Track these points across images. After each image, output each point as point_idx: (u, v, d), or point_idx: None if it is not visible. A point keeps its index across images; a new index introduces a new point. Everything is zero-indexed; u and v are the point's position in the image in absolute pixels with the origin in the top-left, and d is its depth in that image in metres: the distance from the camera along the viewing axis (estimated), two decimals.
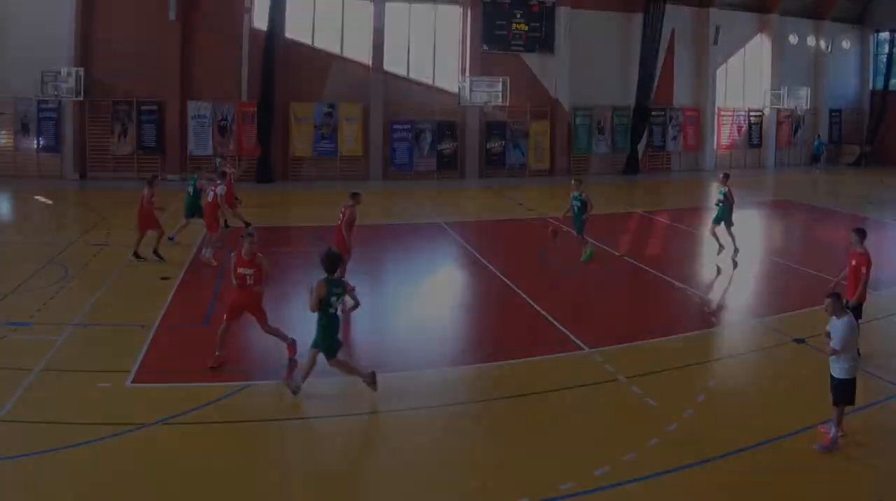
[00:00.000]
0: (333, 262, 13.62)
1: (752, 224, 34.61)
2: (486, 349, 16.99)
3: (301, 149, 45.44)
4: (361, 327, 18.37)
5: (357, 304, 15.56)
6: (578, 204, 24.26)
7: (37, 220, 31.70)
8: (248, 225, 24.66)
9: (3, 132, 42.13)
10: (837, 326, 11.89)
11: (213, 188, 24.43)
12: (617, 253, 26.25)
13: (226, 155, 39.35)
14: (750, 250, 26.68)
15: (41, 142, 42.41)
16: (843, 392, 11.94)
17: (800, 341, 16.90)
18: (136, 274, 22.40)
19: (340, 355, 13.82)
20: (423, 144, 47.42)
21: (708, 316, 19.72)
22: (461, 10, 48.13)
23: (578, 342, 16.81)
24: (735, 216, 25.47)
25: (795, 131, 57.85)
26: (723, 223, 25.15)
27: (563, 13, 49.02)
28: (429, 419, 13.35)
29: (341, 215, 20.39)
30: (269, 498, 10.62)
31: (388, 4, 46.33)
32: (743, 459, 11.61)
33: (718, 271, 24.54)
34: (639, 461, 11.40)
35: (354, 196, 20.67)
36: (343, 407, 13.91)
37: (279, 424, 12.95)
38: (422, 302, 21.48)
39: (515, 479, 11.02)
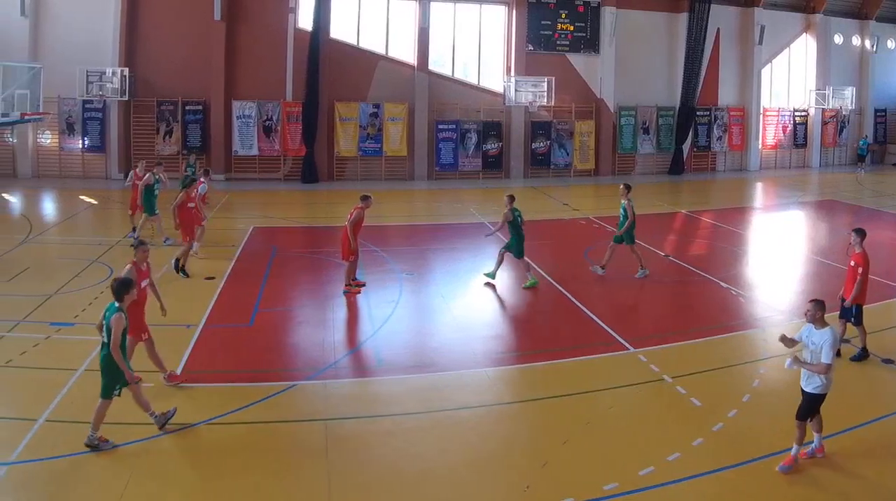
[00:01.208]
0: (115, 289, 11.75)
1: (796, 223, 34.11)
2: (531, 349, 16.47)
3: (346, 150, 43.25)
4: (407, 326, 17.88)
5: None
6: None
7: (81, 220, 30.18)
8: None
9: (48, 132, 40.30)
10: (821, 337, 10.86)
11: (196, 186, 23.63)
12: (662, 254, 25.21)
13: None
14: (795, 250, 26.32)
15: (86, 142, 40.58)
16: (814, 407, 11.06)
17: (844, 341, 15.62)
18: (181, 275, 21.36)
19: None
20: (468, 144, 45.05)
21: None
22: (506, 9, 45.75)
23: (623, 342, 16.32)
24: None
25: (840, 131, 54.60)
26: (624, 242, 22.29)
27: (608, 13, 46.46)
28: (474, 418, 12.88)
29: (350, 215, 19.88)
30: (314, 498, 10.28)
31: (432, 4, 44.20)
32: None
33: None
34: (683, 461, 11.09)
35: (365, 198, 20.37)
36: (388, 406, 13.38)
37: (324, 424, 12.46)
38: (466, 301, 20.52)
39: (560, 479, 10.68)
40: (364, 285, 20.49)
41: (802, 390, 11.04)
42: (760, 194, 44.07)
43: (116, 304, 11.58)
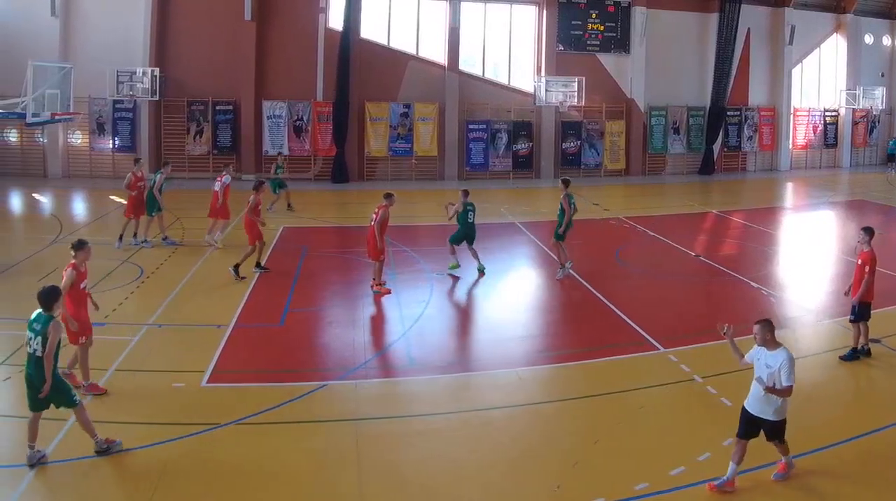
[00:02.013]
0: (46, 298, 10.71)
1: (827, 224, 33.23)
2: (562, 348, 16.02)
3: (376, 150, 41.66)
4: (437, 326, 17.47)
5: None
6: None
7: (111, 221, 28.91)
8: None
9: (79, 132, 39.10)
10: (776, 359, 9.96)
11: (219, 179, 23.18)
12: (692, 253, 24.50)
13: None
14: (825, 250, 25.88)
15: (116, 142, 39.23)
16: (780, 431, 10.21)
17: (875, 341, 15.59)
18: (212, 274, 20.99)
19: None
20: (498, 144, 43.33)
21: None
22: (536, 9, 44.00)
23: (654, 342, 15.92)
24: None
25: (871, 131, 52.37)
26: (554, 235, 21.77)
27: (638, 13, 44.64)
28: (504, 418, 12.51)
29: (374, 215, 19.47)
30: (345, 498, 10.02)
31: (463, 4, 42.55)
32: (818, 458, 11.02)
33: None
34: (714, 461, 10.79)
35: (388, 197, 19.81)
36: (419, 406, 13.06)
37: (355, 424, 12.12)
38: (497, 301, 20.06)
39: (590, 479, 10.42)
40: (390, 292, 19.66)
41: (757, 416, 10.13)
42: (791, 194, 42.65)
43: (46, 314, 10.58)
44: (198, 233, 25.31)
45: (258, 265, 21.34)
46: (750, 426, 10.19)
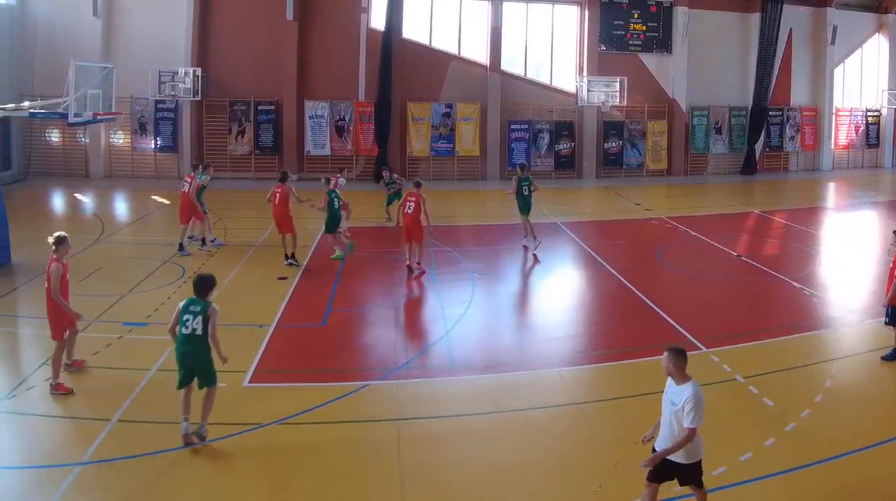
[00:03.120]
0: (202, 285, 11.24)
1: (869, 224, 31.71)
2: (603, 348, 15.39)
3: (418, 149, 39.61)
4: (479, 326, 16.82)
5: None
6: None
7: (153, 221, 28.04)
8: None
9: (121, 132, 37.62)
10: (681, 395, 8.18)
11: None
12: (734, 254, 23.57)
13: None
14: (868, 250, 24.89)
15: (158, 142, 37.61)
16: (696, 475, 8.59)
17: None
18: (253, 275, 20.36)
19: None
20: (540, 144, 41.18)
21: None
22: (579, 9, 41.69)
23: (696, 342, 15.22)
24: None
25: None
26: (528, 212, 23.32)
27: (680, 13, 42.24)
28: (546, 419, 12.03)
29: (411, 202, 20.11)
30: (386, 499, 9.61)
31: (505, 4, 40.39)
32: (861, 459, 10.46)
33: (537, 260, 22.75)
34: (755, 461, 10.38)
35: (419, 184, 20.88)
36: (461, 406, 12.52)
37: (396, 424, 11.68)
38: (539, 301, 19.75)
39: (632, 479, 9.47)
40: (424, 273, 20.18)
41: (668, 459, 8.44)
42: (833, 194, 40.45)
43: (205, 299, 10.99)
44: (240, 232, 24.60)
45: (289, 257, 21.16)
46: (661, 469, 8.52)
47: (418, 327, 14.91)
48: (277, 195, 21.18)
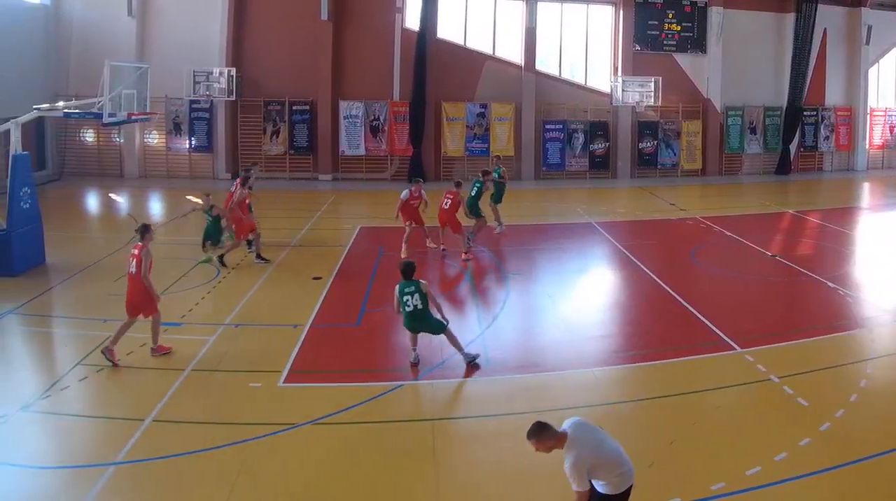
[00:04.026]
0: (409, 270, 13.19)
1: None
2: (638, 348, 14.78)
3: (453, 149, 38.08)
4: (514, 326, 16.38)
5: None
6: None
7: (188, 221, 27.01)
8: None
9: (155, 132, 36.56)
10: (565, 462, 7.48)
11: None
12: (769, 254, 22.83)
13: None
14: None
15: (193, 142, 36.45)
16: None
17: None
18: (288, 275, 19.88)
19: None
20: (574, 144, 39.53)
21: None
22: (613, 9, 40.01)
23: (730, 341, 14.79)
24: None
25: None
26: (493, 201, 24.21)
27: (714, 13, 40.46)
28: None
29: (449, 200, 21.23)
30: (421, 499, 9.32)
31: (539, 4, 38.77)
32: None
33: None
34: (790, 461, 9.97)
35: (458, 184, 21.77)
36: (496, 406, 12.03)
37: (431, 424, 11.32)
38: (574, 301, 18.86)
39: (666, 479, 9.55)
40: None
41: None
42: (867, 194, 38.81)
43: (413, 280, 12.99)
44: (273, 233, 23.62)
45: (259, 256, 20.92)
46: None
47: (453, 327, 14.11)
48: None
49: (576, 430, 7.58)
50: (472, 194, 22.68)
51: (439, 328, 13.02)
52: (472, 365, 13.11)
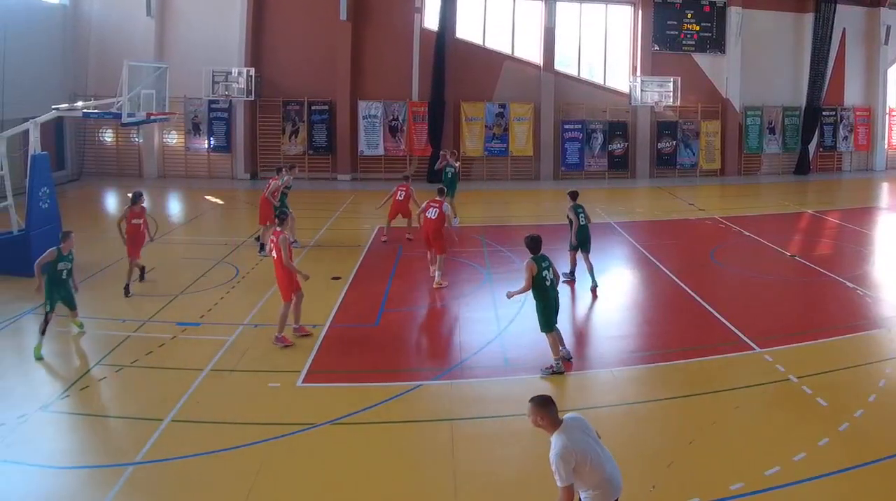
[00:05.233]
0: (536, 242, 12.71)
1: None
2: (657, 348, 14.40)
3: (472, 149, 37.00)
4: (532, 326, 14.70)
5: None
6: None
7: (207, 221, 26.76)
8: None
9: (174, 132, 35.70)
10: (550, 450, 6.92)
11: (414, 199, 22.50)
12: (788, 254, 22.34)
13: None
14: None
15: (212, 142, 35.61)
16: None
17: None
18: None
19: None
20: (593, 144, 38.39)
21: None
22: (632, 9, 38.86)
23: (749, 341, 14.36)
24: None
25: None
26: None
27: (733, 13, 39.25)
28: (599, 418, 10.22)
29: (434, 209, 19.23)
30: (440, 499, 9.12)
31: (558, 4, 37.65)
32: None
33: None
34: (809, 461, 9.78)
35: (441, 192, 20.02)
36: (514, 406, 11.20)
37: (450, 424, 11.04)
38: (592, 301, 18.15)
39: (685, 479, 9.45)
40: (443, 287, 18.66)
41: None
42: (886, 194, 37.58)
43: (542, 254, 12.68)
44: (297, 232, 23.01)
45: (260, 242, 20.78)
46: None
47: (472, 327, 14.45)
48: None
49: (572, 421, 7.21)
50: (450, 176, 24.47)
51: (557, 304, 12.83)
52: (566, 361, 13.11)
